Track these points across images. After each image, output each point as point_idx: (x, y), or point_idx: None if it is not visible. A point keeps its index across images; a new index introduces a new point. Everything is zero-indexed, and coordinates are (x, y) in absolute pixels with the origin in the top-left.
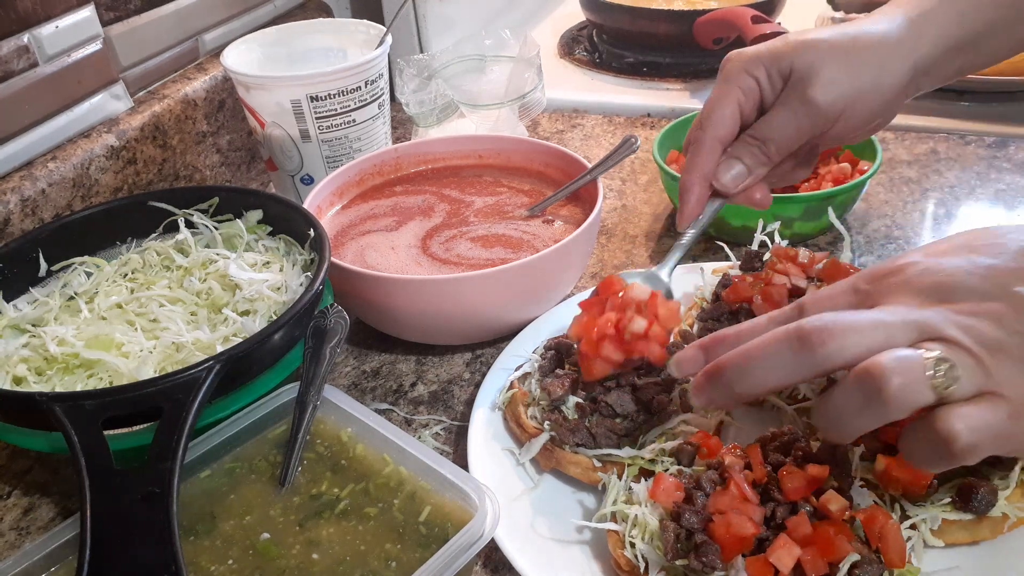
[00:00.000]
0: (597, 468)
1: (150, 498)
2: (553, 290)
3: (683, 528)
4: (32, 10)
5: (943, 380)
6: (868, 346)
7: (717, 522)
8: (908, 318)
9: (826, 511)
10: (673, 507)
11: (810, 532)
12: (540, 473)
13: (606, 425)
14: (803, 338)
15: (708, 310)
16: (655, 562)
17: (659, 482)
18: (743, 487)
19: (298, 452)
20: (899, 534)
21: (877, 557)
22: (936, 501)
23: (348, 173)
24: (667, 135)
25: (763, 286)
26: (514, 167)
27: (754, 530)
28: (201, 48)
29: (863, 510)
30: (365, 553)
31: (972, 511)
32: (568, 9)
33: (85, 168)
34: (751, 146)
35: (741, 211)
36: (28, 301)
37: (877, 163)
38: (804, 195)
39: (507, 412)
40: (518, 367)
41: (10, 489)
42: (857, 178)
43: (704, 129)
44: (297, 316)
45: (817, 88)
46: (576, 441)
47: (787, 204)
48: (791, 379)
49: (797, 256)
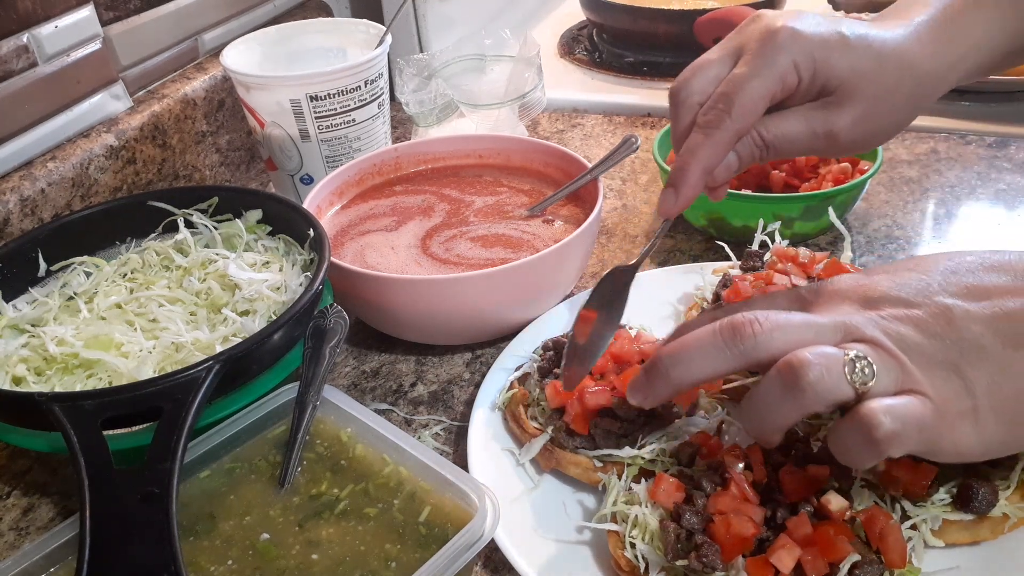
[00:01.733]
0: (597, 468)
1: (149, 498)
2: (553, 290)
3: (683, 528)
4: (31, 10)
5: (860, 376)
6: (795, 341)
7: (718, 522)
8: (836, 320)
9: (827, 511)
10: (673, 507)
11: (810, 532)
12: (540, 473)
13: (605, 426)
14: (735, 328)
15: (710, 311)
16: (655, 562)
17: (659, 482)
18: (744, 487)
19: (298, 452)
20: (900, 534)
21: (878, 557)
22: (936, 501)
23: (348, 173)
24: (667, 135)
25: (764, 286)
26: (514, 167)
27: (755, 530)
28: (200, 48)
29: (864, 510)
30: (365, 553)
31: (973, 511)
32: (568, 9)
33: (84, 168)
34: (753, 145)
35: (742, 210)
36: (27, 301)
37: (877, 163)
38: (804, 195)
39: (507, 412)
40: (517, 367)
41: (9, 489)
42: (857, 178)
43: (730, 114)
44: (297, 316)
45: (846, 121)
46: (576, 444)
47: (787, 204)
48: (722, 369)
49: (798, 256)
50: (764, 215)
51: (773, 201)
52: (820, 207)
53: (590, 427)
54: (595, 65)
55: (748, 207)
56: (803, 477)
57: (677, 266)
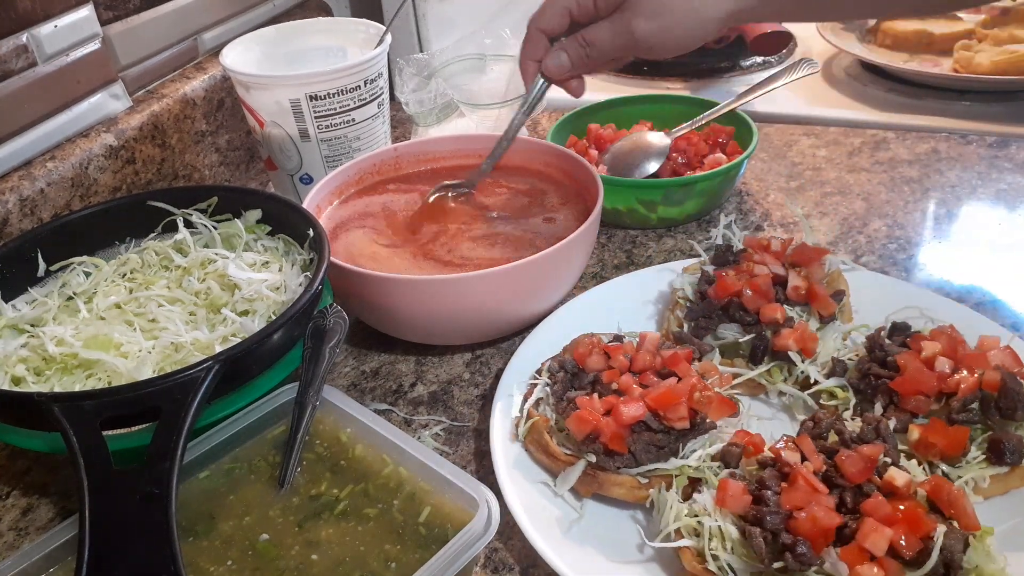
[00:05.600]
0: (642, 485)
1: (149, 498)
2: (553, 290)
3: (768, 531)
4: (31, 9)
5: None
6: None
7: (798, 519)
8: None
9: (892, 488)
10: (748, 511)
11: (891, 512)
12: (579, 500)
13: (644, 440)
14: None
15: (698, 309)
16: (743, 570)
17: (725, 488)
18: (812, 479)
19: (297, 453)
20: (966, 499)
21: (951, 525)
22: (971, 460)
23: (347, 172)
24: (562, 125)
25: (748, 279)
26: (514, 166)
27: (839, 519)
28: (200, 47)
29: (926, 481)
30: (364, 554)
31: (1006, 463)
32: None
33: (84, 168)
34: (578, 46)
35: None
36: (27, 301)
37: (747, 152)
38: (664, 180)
39: (529, 442)
40: (525, 394)
41: (9, 489)
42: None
43: (533, 21)
44: (296, 316)
45: (640, 22)
46: (618, 464)
47: (648, 189)
48: None
49: (770, 245)
50: (627, 199)
51: (635, 186)
52: (680, 192)
53: (628, 444)
54: None
55: (614, 191)
56: (862, 459)
57: (646, 268)
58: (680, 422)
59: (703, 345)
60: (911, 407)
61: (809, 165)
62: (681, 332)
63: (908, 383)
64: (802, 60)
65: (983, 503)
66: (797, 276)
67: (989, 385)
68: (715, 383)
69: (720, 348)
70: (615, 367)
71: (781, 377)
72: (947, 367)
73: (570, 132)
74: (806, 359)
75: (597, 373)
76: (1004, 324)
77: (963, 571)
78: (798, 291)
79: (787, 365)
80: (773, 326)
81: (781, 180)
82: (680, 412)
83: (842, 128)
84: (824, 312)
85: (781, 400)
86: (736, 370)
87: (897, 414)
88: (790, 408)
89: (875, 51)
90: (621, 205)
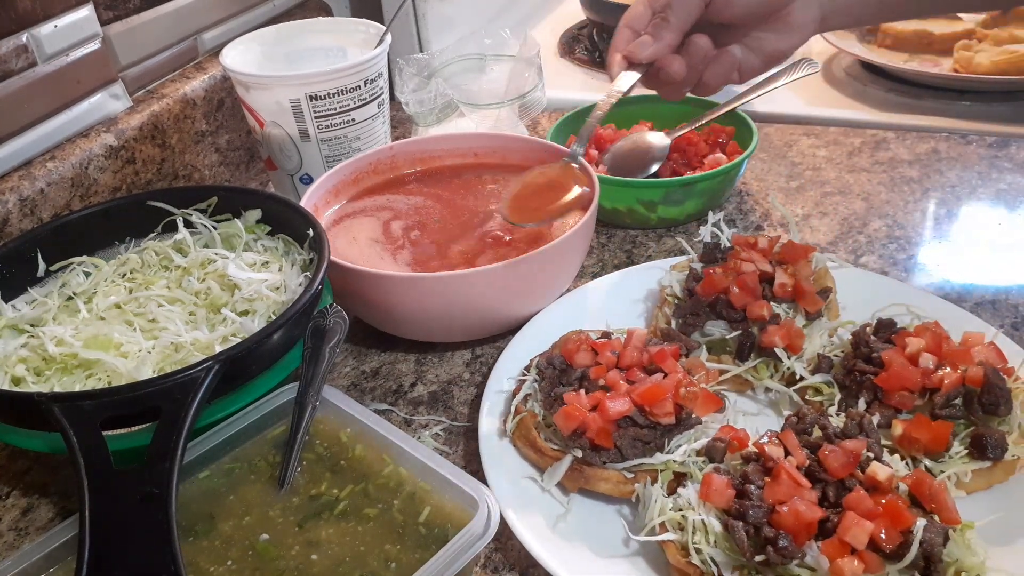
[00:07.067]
0: (628, 480)
1: (149, 499)
2: (550, 287)
3: (750, 524)
4: (31, 9)
5: None
6: None
7: (780, 512)
8: None
9: (875, 483)
10: (731, 506)
11: (871, 506)
12: (566, 495)
13: (630, 435)
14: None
15: (686, 306)
16: (726, 564)
17: (709, 483)
18: (795, 474)
19: (297, 453)
20: (947, 493)
21: (932, 519)
22: (954, 455)
23: (343, 172)
24: (562, 125)
25: (735, 276)
26: (511, 165)
27: (821, 513)
28: (200, 47)
29: (907, 476)
30: (365, 554)
31: (988, 458)
32: (568, 8)
33: (84, 168)
34: (655, 22)
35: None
36: (26, 301)
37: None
38: (664, 180)
39: (516, 438)
40: (514, 390)
41: (9, 489)
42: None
43: (622, 20)
44: (296, 316)
45: None
46: (604, 459)
47: (649, 189)
48: None
49: (757, 243)
50: (627, 199)
51: (635, 186)
52: (680, 192)
53: (614, 439)
54: (595, 65)
55: (614, 191)
56: (845, 453)
57: (635, 266)
58: (666, 417)
59: (690, 342)
60: (895, 403)
61: (809, 165)
62: (669, 329)
63: (892, 379)
64: (802, 60)
65: (966, 498)
66: (784, 273)
67: (973, 381)
68: (702, 379)
69: (707, 345)
70: (602, 363)
71: (767, 373)
72: (931, 363)
73: (570, 132)
74: (792, 355)
75: (585, 369)
76: (1004, 324)
77: (943, 564)
78: (785, 288)
79: (773, 361)
80: (760, 323)
81: (781, 180)
82: (666, 408)
83: (842, 128)
84: (810, 309)
85: (767, 396)
86: (723, 366)
87: (881, 410)
88: (776, 404)
89: (875, 51)
90: (621, 205)
